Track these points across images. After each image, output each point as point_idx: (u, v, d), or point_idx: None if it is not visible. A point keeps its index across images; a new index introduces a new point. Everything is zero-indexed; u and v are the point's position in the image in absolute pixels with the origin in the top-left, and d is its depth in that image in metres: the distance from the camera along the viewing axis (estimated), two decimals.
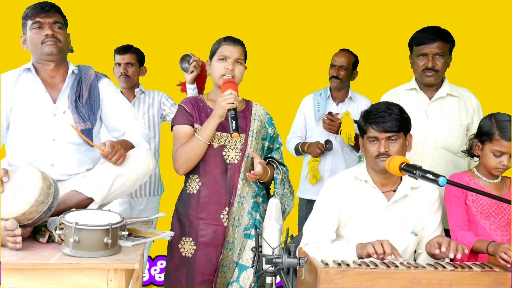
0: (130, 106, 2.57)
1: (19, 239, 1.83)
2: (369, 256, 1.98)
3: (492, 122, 2.34)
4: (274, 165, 2.52)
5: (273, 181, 2.52)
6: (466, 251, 2.02)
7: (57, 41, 2.31)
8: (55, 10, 2.35)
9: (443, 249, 1.99)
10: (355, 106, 3.64)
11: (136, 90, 3.63)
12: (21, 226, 1.87)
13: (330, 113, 3.45)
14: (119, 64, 3.61)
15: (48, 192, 1.91)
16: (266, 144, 2.52)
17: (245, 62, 2.46)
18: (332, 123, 3.39)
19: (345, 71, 3.59)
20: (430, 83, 2.80)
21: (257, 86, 2.77)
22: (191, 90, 3.11)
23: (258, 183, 2.47)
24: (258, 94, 2.68)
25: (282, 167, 2.53)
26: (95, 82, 2.42)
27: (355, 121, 3.27)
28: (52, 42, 2.30)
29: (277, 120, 2.65)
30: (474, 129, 2.78)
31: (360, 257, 2.01)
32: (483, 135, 2.36)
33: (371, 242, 2.00)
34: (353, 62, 3.64)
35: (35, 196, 1.87)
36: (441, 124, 2.78)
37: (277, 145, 2.58)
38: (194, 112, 2.42)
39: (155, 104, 3.61)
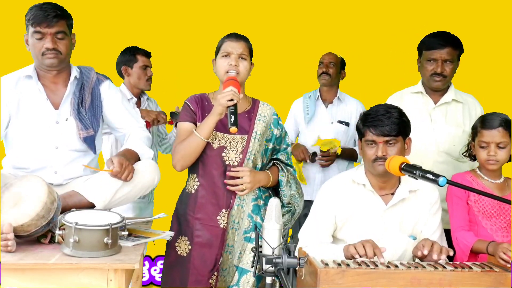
0: (130, 108, 2.53)
1: (10, 242, 1.81)
2: (353, 257, 1.97)
3: (479, 119, 2.40)
4: (279, 167, 2.48)
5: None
6: (451, 253, 2.02)
7: (58, 53, 2.22)
8: (59, 18, 2.21)
9: (425, 251, 1.99)
10: (344, 107, 3.69)
11: (142, 95, 3.53)
12: (16, 236, 1.85)
13: (314, 154, 3.52)
14: (147, 67, 3.42)
15: (51, 208, 1.90)
16: (271, 145, 2.46)
17: (251, 58, 2.41)
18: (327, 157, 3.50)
19: (334, 68, 3.68)
20: (438, 88, 2.82)
21: (254, 86, 2.77)
22: None
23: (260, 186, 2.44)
24: (254, 93, 2.67)
25: (288, 167, 2.49)
26: (97, 86, 2.37)
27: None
28: (53, 55, 2.21)
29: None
30: None
31: (347, 258, 2.00)
32: (472, 131, 2.43)
33: (354, 243, 2.00)
34: (340, 61, 3.73)
35: (37, 210, 1.85)
36: (445, 129, 2.80)
37: (284, 146, 2.52)
38: (197, 110, 2.39)
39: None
